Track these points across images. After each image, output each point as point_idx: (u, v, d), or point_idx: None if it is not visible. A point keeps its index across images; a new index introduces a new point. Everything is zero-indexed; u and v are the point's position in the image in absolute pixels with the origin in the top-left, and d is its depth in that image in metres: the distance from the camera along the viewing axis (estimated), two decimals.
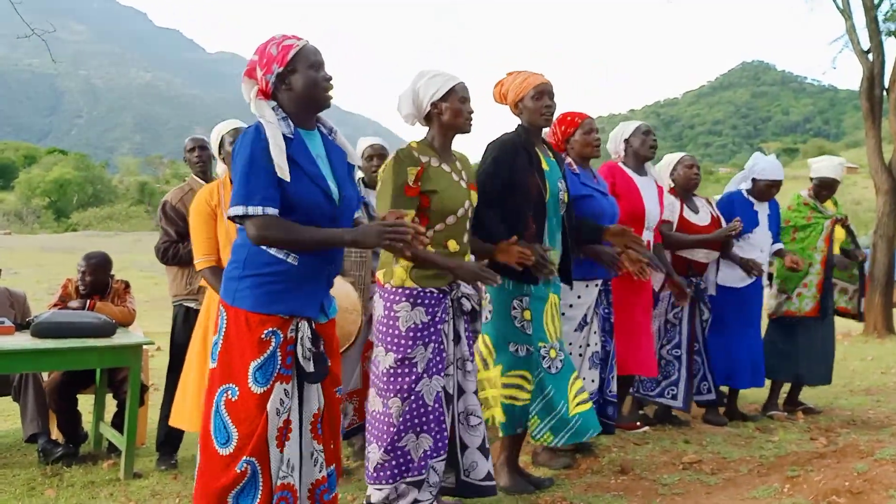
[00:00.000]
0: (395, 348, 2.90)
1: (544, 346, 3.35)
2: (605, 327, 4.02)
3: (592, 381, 3.89)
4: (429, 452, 2.91)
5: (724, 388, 5.02)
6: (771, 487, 3.33)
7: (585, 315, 3.87)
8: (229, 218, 2.33)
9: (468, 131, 3.06)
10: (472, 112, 3.04)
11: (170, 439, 4.04)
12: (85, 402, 4.56)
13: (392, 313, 2.92)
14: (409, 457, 2.89)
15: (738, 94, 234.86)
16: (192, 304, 4.10)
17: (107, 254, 4.65)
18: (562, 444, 3.38)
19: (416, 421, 2.89)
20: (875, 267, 12.48)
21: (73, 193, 69.57)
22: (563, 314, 3.80)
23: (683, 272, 4.77)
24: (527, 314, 3.33)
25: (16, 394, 4.33)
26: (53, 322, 3.89)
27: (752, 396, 5.59)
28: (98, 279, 4.49)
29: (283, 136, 2.34)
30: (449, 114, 3.01)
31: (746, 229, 4.84)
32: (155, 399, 5.03)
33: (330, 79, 2.44)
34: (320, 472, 2.42)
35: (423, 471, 2.90)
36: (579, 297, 3.85)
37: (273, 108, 2.38)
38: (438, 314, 2.95)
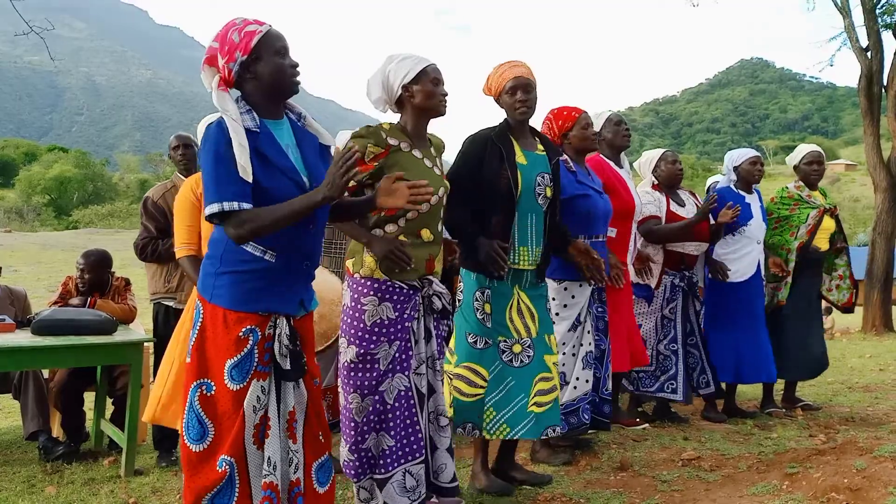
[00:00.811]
0: (357, 342, 2.83)
1: (505, 341, 3.29)
2: (600, 326, 4.02)
3: (587, 381, 3.86)
4: (391, 451, 2.84)
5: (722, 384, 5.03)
6: (770, 484, 3.34)
7: (579, 315, 3.85)
8: (206, 218, 2.26)
9: (442, 113, 2.97)
10: (445, 94, 2.95)
11: (166, 436, 4.04)
12: (86, 400, 4.56)
13: (359, 305, 2.84)
14: (371, 454, 2.85)
15: (736, 92, 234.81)
16: (170, 303, 4.12)
17: (106, 251, 4.66)
18: (519, 436, 3.29)
19: (376, 418, 2.84)
20: (874, 264, 12.51)
21: (73, 191, 69.60)
22: (556, 314, 3.80)
23: (676, 266, 4.79)
24: (487, 307, 3.27)
25: (16, 391, 4.34)
26: (54, 320, 3.90)
27: (751, 393, 5.61)
28: (97, 277, 4.49)
29: (249, 129, 2.26)
30: (421, 96, 2.91)
31: (742, 222, 4.87)
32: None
33: (296, 65, 2.36)
34: (295, 472, 2.37)
35: (385, 469, 2.84)
36: (573, 297, 3.83)
37: (237, 100, 2.32)
38: (407, 311, 2.89)
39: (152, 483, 3.67)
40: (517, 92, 3.34)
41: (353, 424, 2.84)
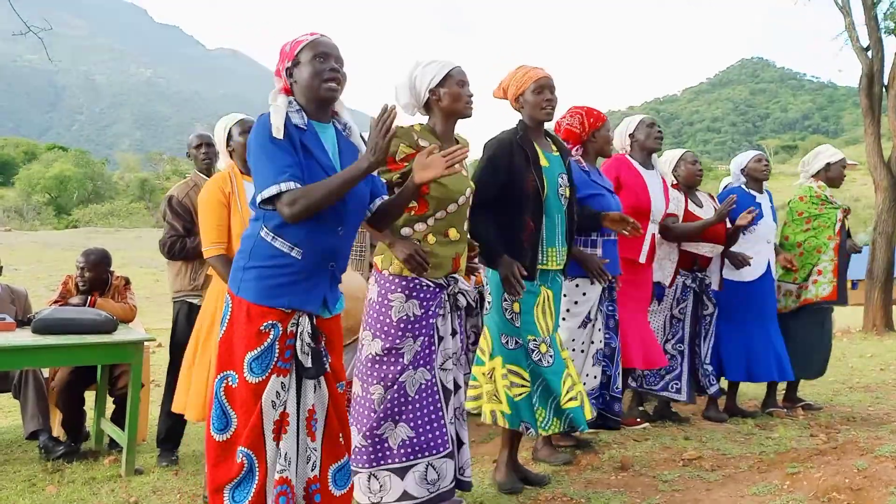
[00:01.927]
0: (383, 336, 2.89)
1: (533, 340, 3.32)
2: (610, 324, 4.03)
3: (595, 377, 3.90)
4: (411, 442, 2.88)
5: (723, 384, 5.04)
6: (771, 484, 3.34)
7: (589, 312, 3.88)
8: (261, 204, 2.33)
9: (469, 115, 3.03)
10: (471, 96, 3.01)
11: (170, 435, 4.05)
12: (86, 399, 4.56)
13: (386, 301, 2.90)
14: (386, 444, 2.88)
15: (737, 91, 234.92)
16: (195, 301, 4.08)
17: (106, 250, 4.65)
18: (562, 430, 3.38)
19: (396, 409, 2.88)
20: (874, 264, 12.50)
21: (73, 190, 69.63)
22: (567, 310, 3.84)
23: (689, 266, 4.79)
24: (516, 306, 3.30)
25: (16, 391, 4.34)
26: (54, 319, 3.90)
27: (752, 393, 5.60)
28: (97, 275, 4.49)
29: (297, 126, 2.38)
30: (448, 99, 2.98)
31: (752, 222, 4.88)
32: (155, 395, 5.04)
33: (334, 69, 2.42)
34: (312, 470, 2.41)
35: (403, 459, 2.88)
36: (584, 294, 3.86)
37: (290, 101, 2.44)
38: (432, 308, 2.94)
39: (153, 482, 3.67)
40: (544, 91, 3.40)
41: (370, 413, 2.88)
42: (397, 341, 2.88)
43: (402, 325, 2.88)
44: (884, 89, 12.67)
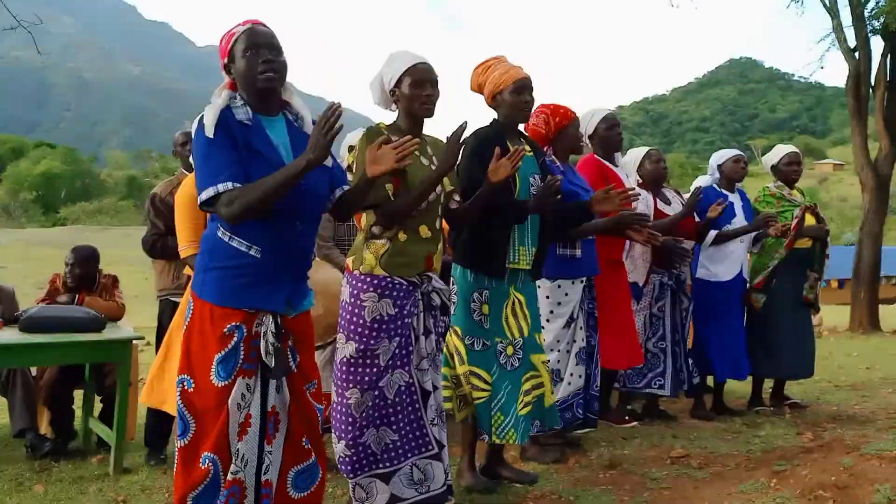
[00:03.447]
0: (357, 338, 2.83)
1: (501, 342, 3.31)
2: (590, 322, 4.05)
3: (579, 376, 3.91)
4: (395, 445, 2.86)
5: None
6: (758, 482, 3.36)
7: (572, 312, 3.89)
8: (200, 205, 2.28)
9: (427, 116, 2.94)
10: (429, 95, 2.89)
11: (158, 434, 4.03)
12: (74, 397, 4.54)
13: (358, 301, 2.84)
14: (370, 450, 2.84)
15: (725, 91, 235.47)
16: (178, 299, 4.07)
17: (94, 248, 4.63)
18: (521, 443, 3.36)
19: (376, 414, 2.84)
20: (860, 263, 12.60)
21: (61, 187, 69.17)
22: (551, 312, 3.85)
23: (664, 263, 4.80)
24: (485, 308, 3.29)
25: (3, 389, 4.31)
26: (42, 317, 3.88)
27: (740, 391, 5.64)
28: (85, 272, 4.46)
29: (241, 122, 2.32)
30: (404, 100, 2.92)
31: (725, 220, 4.92)
32: None
33: (267, 60, 2.33)
34: (265, 473, 2.35)
35: (389, 463, 2.86)
36: (566, 294, 3.88)
37: (236, 96, 2.39)
38: (407, 307, 2.89)
39: (141, 481, 3.66)
40: (523, 93, 3.37)
41: (350, 420, 2.84)
42: (372, 342, 2.82)
43: (375, 326, 2.83)
44: (870, 90, 12.76)
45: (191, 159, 3.82)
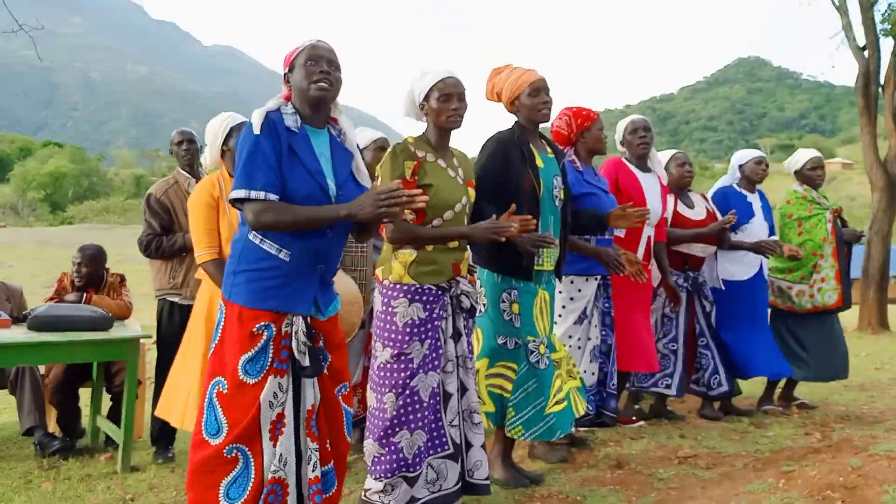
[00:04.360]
0: (391, 343, 2.90)
1: (533, 341, 3.34)
2: (606, 321, 4.04)
3: (592, 374, 3.92)
4: (423, 448, 2.91)
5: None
6: (766, 482, 3.35)
7: (585, 308, 3.90)
8: (230, 201, 2.37)
9: (453, 128, 3.04)
10: (455, 109, 2.99)
11: (164, 433, 4.04)
12: (82, 396, 4.56)
13: (390, 309, 2.92)
14: (402, 453, 2.88)
15: (733, 90, 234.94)
16: (175, 299, 4.09)
17: (101, 247, 4.64)
18: (530, 439, 3.36)
19: (411, 417, 2.88)
20: (870, 263, 12.53)
21: (68, 186, 69.42)
22: (563, 307, 3.87)
23: (680, 267, 4.80)
24: (515, 307, 3.33)
25: (12, 387, 4.33)
26: (50, 315, 3.89)
27: (748, 391, 5.62)
28: (93, 271, 4.47)
29: (288, 128, 2.42)
30: (432, 113, 3.01)
31: (743, 220, 4.91)
32: (150, 393, 5.03)
33: (324, 71, 2.44)
34: (313, 471, 2.41)
35: (417, 467, 2.90)
36: (579, 290, 3.90)
37: (284, 104, 2.48)
38: (436, 311, 2.94)
39: (149, 479, 3.67)
40: (540, 93, 3.41)
41: (384, 422, 2.88)
42: (405, 346, 2.88)
43: (408, 330, 2.89)
44: (880, 89, 12.69)
45: (203, 162, 3.87)
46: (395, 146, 3.00)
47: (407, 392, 2.88)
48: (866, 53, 12.60)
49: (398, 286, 2.92)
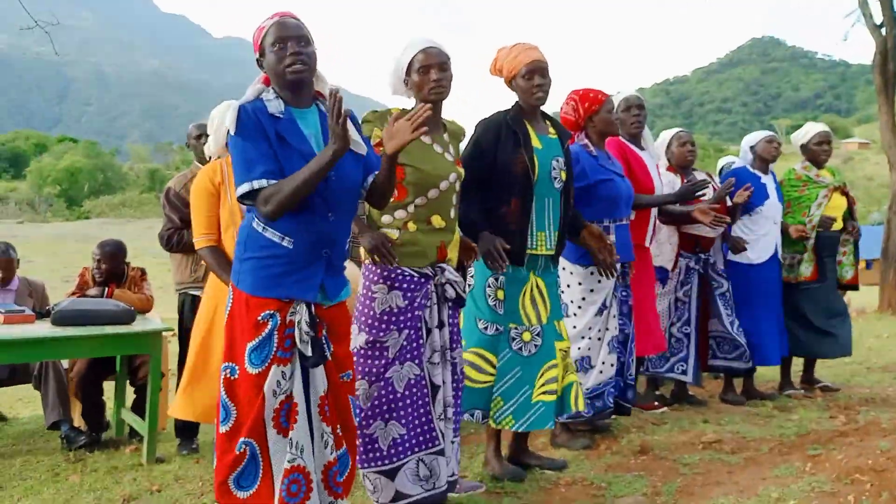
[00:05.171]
0: (367, 329, 2.82)
1: (515, 328, 3.27)
2: (623, 310, 4.00)
3: (611, 365, 3.85)
4: (402, 440, 2.81)
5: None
6: (792, 466, 3.33)
7: (605, 299, 3.83)
8: (239, 199, 2.35)
9: (437, 101, 2.88)
10: (437, 80, 2.85)
11: (186, 425, 4.05)
12: (105, 389, 4.59)
13: (369, 293, 2.84)
14: (376, 444, 2.80)
15: (747, 71, 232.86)
16: (196, 293, 4.10)
17: (121, 242, 4.66)
18: (524, 428, 3.28)
19: (385, 407, 2.80)
20: (889, 243, 12.38)
21: (84, 181, 69.89)
22: (583, 299, 3.80)
23: (691, 249, 4.75)
24: (500, 293, 3.25)
25: (36, 382, 4.37)
26: (74, 310, 3.91)
27: (769, 375, 5.58)
28: (113, 267, 4.50)
29: (273, 115, 2.36)
30: (414, 88, 2.90)
31: (757, 202, 4.85)
32: (173, 385, 5.06)
33: (295, 52, 2.34)
34: (331, 453, 2.42)
35: (394, 459, 2.81)
36: (599, 281, 3.80)
37: (265, 90, 2.43)
38: (418, 299, 2.85)
39: (174, 471, 3.69)
40: (534, 76, 3.30)
41: (357, 411, 2.79)
42: (381, 334, 2.80)
43: (384, 318, 2.81)
44: None
45: (205, 150, 3.86)
46: (373, 112, 2.90)
47: (381, 383, 2.80)
48: (883, 31, 12.40)
49: (378, 269, 2.82)
